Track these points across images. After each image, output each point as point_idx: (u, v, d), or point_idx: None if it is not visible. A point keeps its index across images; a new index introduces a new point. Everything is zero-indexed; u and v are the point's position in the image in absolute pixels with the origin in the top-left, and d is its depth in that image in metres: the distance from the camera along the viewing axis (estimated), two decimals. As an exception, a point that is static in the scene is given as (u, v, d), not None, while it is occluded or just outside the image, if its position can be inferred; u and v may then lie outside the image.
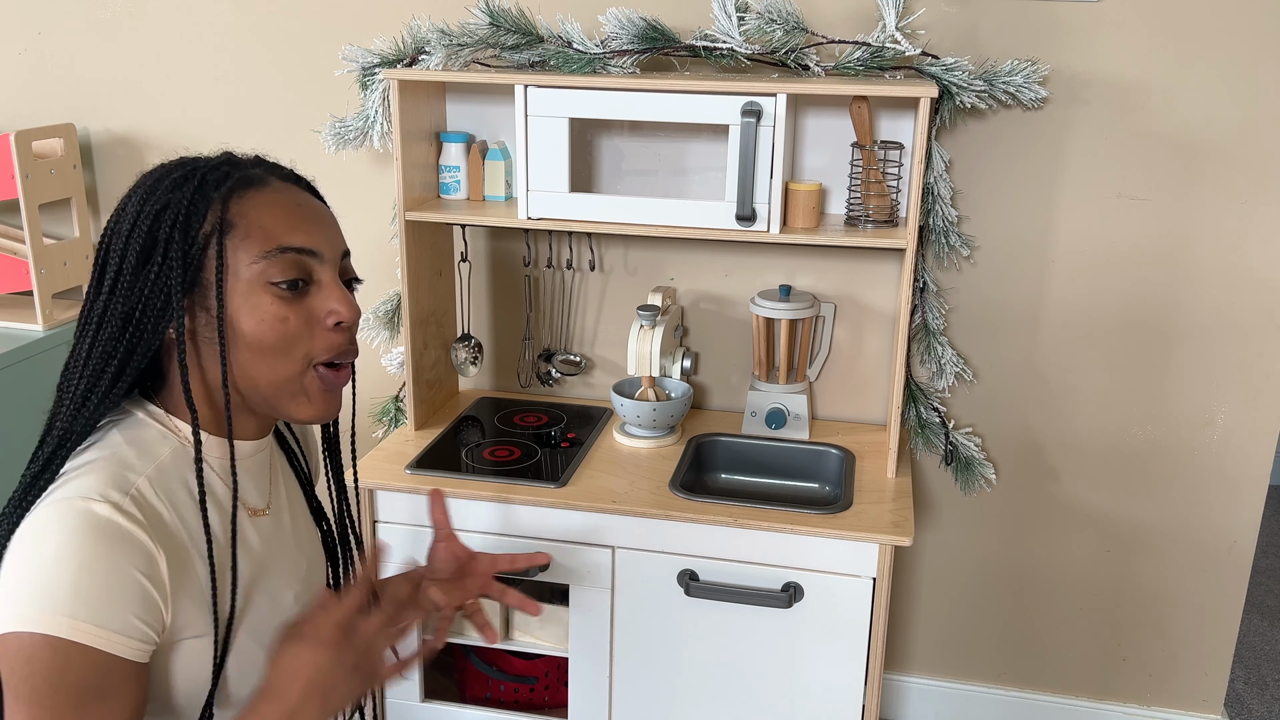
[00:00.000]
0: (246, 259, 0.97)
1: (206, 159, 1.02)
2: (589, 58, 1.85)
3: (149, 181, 0.99)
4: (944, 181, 1.90)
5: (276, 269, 0.97)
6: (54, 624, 0.86)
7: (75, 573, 0.87)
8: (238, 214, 0.97)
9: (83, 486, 0.91)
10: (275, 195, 1.00)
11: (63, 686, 0.87)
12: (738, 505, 1.72)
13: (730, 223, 1.79)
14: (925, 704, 2.29)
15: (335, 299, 1.00)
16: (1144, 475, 2.06)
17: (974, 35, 1.88)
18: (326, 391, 1.02)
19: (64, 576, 0.87)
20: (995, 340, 2.04)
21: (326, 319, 1.00)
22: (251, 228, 0.97)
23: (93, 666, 0.88)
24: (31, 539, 0.89)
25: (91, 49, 2.23)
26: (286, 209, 1.00)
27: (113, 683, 0.89)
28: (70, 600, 0.87)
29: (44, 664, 0.87)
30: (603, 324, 2.19)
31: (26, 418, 2.04)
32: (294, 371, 1.00)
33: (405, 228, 1.89)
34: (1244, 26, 1.80)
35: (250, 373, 0.98)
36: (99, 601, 0.88)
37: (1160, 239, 1.93)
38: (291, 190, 1.03)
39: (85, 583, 0.87)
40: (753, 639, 1.74)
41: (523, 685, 1.98)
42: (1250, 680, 2.53)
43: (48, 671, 0.87)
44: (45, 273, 2.15)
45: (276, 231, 0.98)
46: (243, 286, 0.97)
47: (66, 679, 0.87)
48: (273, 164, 1.06)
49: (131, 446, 0.97)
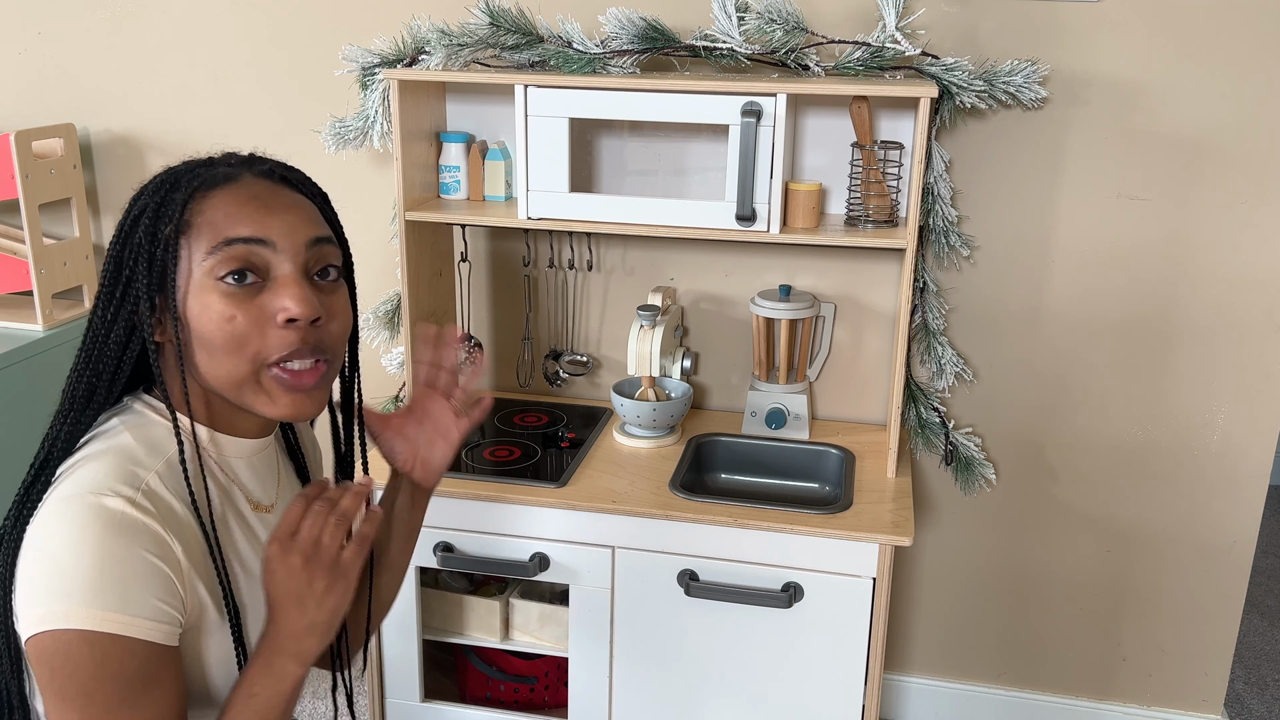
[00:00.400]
0: (198, 257, 0.94)
1: (194, 160, 1.01)
2: (589, 58, 1.85)
3: (140, 188, 0.99)
4: (944, 181, 1.90)
5: (223, 263, 0.93)
6: (85, 618, 0.87)
7: (95, 566, 0.87)
8: (195, 212, 0.95)
9: (91, 482, 0.91)
10: (237, 190, 0.96)
11: (108, 679, 0.88)
12: (738, 505, 1.72)
13: (730, 223, 1.79)
14: (925, 704, 2.29)
15: (288, 295, 0.94)
16: (1144, 475, 2.06)
17: (974, 35, 1.88)
18: (290, 391, 0.97)
19: (85, 571, 0.87)
20: (995, 340, 2.04)
21: (278, 315, 0.94)
22: (204, 224, 0.94)
23: (130, 654, 0.89)
24: (45, 537, 0.89)
25: (91, 49, 2.23)
26: (242, 202, 0.95)
27: (152, 668, 0.91)
28: (95, 593, 0.87)
29: (84, 659, 0.87)
30: (603, 324, 2.19)
31: (26, 418, 2.04)
32: (246, 372, 0.95)
33: (405, 228, 1.89)
34: (1244, 27, 1.80)
35: (210, 373, 0.96)
36: (122, 590, 0.88)
37: (1160, 239, 1.93)
38: (256, 183, 0.98)
39: (106, 574, 0.88)
40: (753, 639, 1.74)
41: (523, 685, 1.98)
42: (1250, 680, 2.53)
43: (90, 666, 0.88)
44: (45, 273, 2.15)
45: (226, 225, 0.94)
46: (195, 286, 0.94)
47: (109, 670, 0.88)
48: (257, 159, 1.03)
49: (140, 444, 0.97)
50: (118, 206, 2.33)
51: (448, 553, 1.81)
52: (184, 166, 1.00)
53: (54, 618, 0.87)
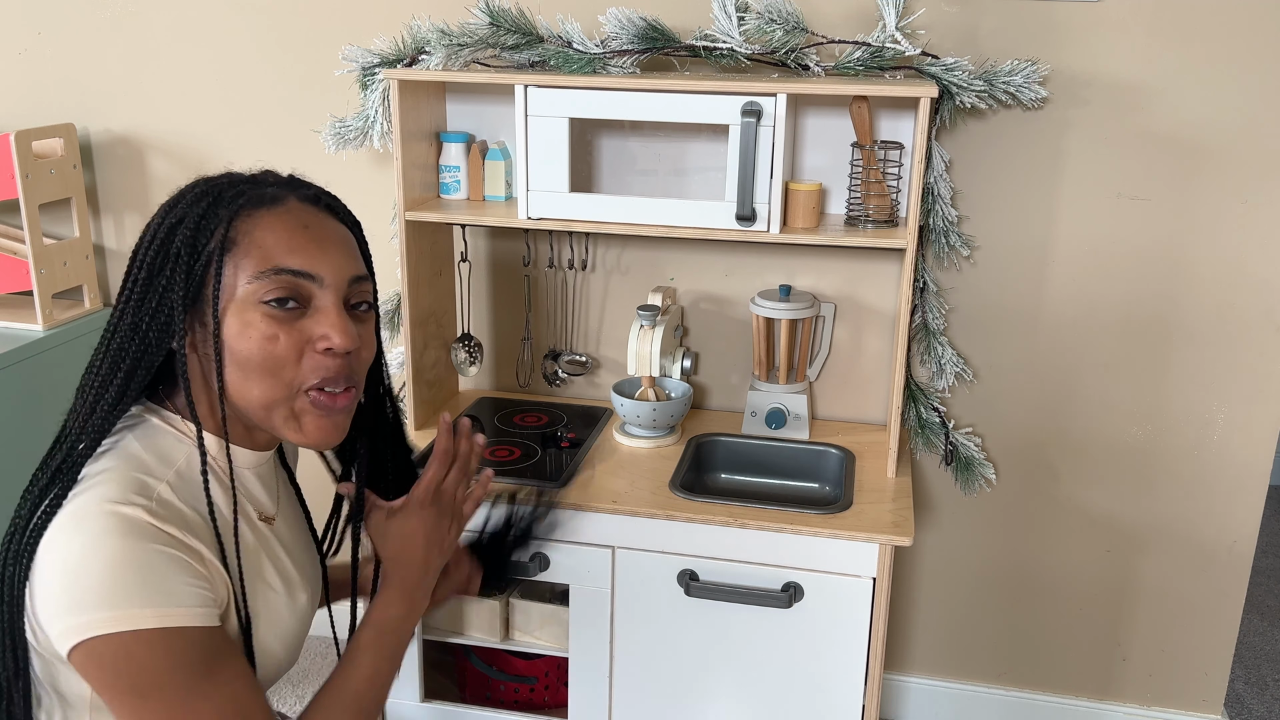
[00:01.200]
0: (244, 277, 0.97)
1: (236, 175, 1.02)
2: (589, 58, 1.85)
3: (176, 195, 1.00)
4: (944, 181, 1.90)
5: (270, 288, 0.97)
6: (132, 619, 0.89)
7: (128, 567, 0.89)
8: (242, 232, 0.97)
9: (105, 494, 0.92)
10: (284, 215, 0.99)
11: (176, 668, 0.90)
12: (738, 505, 1.72)
13: (730, 223, 1.79)
14: (925, 704, 2.29)
15: (329, 324, 0.99)
16: (1144, 475, 2.06)
17: (974, 35, 1.88)
18: (320, 417, 1.00)
19: (123, 573, 0.89)
20: (995, 340, 2.04)
21: (318, 343, 0.99)
22: (252, 247, 0.97)
23: (188, 643, 0.91)
24: (65, 549, 0.90)
25: (91, 49, 2.23)
26: (291, 230, 0.99)
27: (212, 648, 0.93)
28: (135, 594, 0.89)
29: (145, 657, 0.89)
30: (603, 324, 2.19)
31: (26, 418, 2.04)
32: (282, 394, 0.98)
33: (405, 228, 1.89)
34: (1244, 27, 1.80)
35: (242, 392, 0.98)
36: (159, 585, 0.90)
37: (1160, 239, 1.93)
38: (304, 210, 1.01)
39: (140, 574, 0.89)
40: (753, 639, 1.74)
41: (523, 685, 1.98)
42: (1250, 680, 2.53)
43: (153, 661, 0.89)
44: (45, 273, 2.15)
45: (276, 252, 0.97)
46: (236, 305, 0.97)
47: (174, 661, 0.90)
48: (299, 182, 1.05)
49: (149, 453, 0.98)
50: (118, 207, 2.33)
51: (448, 553, 1.80)
52: (225, 180, 1.02)
53: (100, 624, 0.88)
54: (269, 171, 1.05)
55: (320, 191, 1.05)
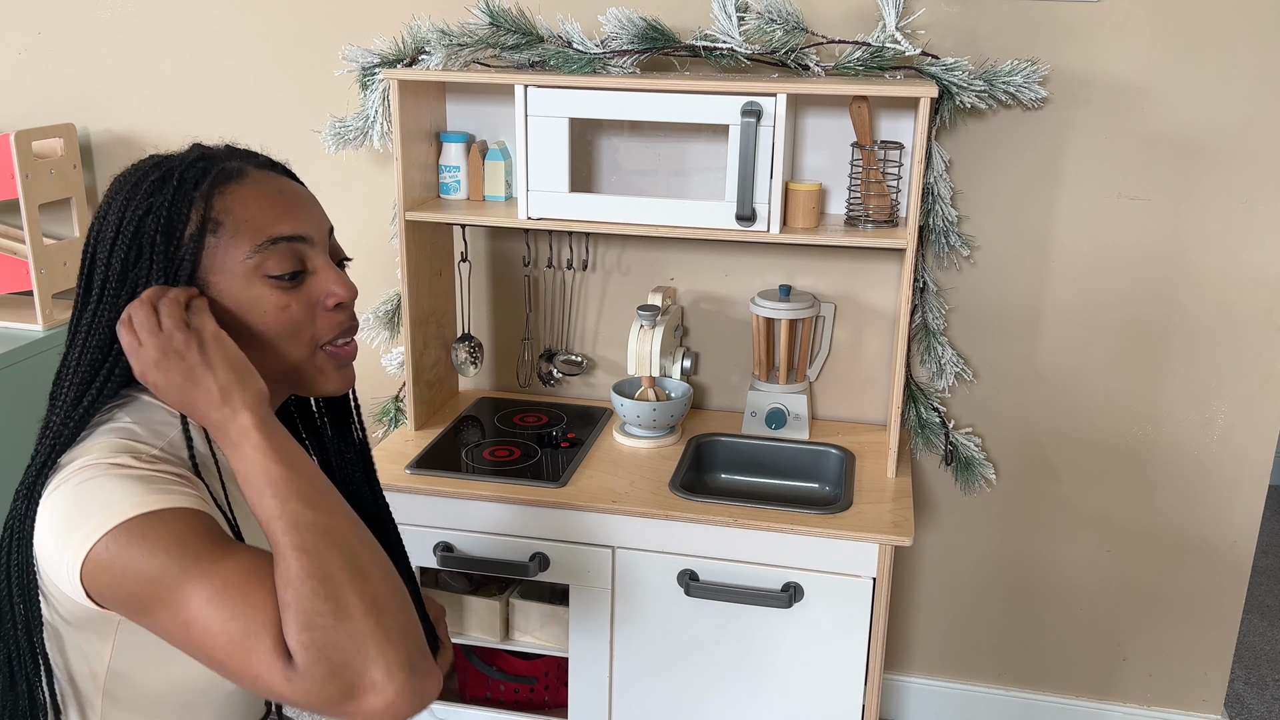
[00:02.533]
0: (240, 254, 0.97)
1: (179, 155, 1.02)
2: (589, 58, 1.85)
3: (127, 185, 0.99)
4: (944, 181, 1.90)
5: (273, 261, 0.98)
6: (133, 507, 0.87)
7: (120, 482, 0.88)
8: (222, 210, 0.97)
9: (95, 455, 0.92)
10: (256, 185, 1.00)
11: (187, 537, 0.87)
12: (738, 505, 1.72)
13: (730, 223, 1.79)
14: (925, 704, 2.29)
15: (332, 280, 1.02)
16: (1144, 475, 2.06)
17: (974, 35, 1.88)
18: (340, 367, 1.06)
19: (112, 488, 0.88)
20: (995, 340, 2.04)
21: (326, 300, 1.02)
22: (239, 223, 0.97)
23: (194, 518, 0.89)
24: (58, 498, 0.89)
25: (91, 49, 2.23)
26: (270, 198, 1.00)
27: (214, 530, 0.90)
28: (133, 495, 0.88)
29: (153, 538, 0.86)
30: (603, 324, 2.19)
31: (26, 418, 2.04)
32: (304, 355, 1.02)
33: (405, 228, 1.89)
34: (1244, 27, 1.80)
35: (260, 362, 0.99)
36: (152, 488, 0.89)
37: (1160, 239, 1.93)
38: (271, 177, 1.03)
39: (133, 483, 0.89)
40: (753, 639, 1.74)
41: (523, 685, 1.98)
42: (1250, 680, 2.53)
43: (159, 540, 0.86)
44: (45, 273, 2.15)
45: (264, 222, 0.98)
46: (239, 282, 0.97)
47: (184, 531, 0.87)
48: (245, 151, 1.05)
49: (140, 426, 0.97)
50: (118, 206, 2.33)
51: (447, 553, 1.81)
52: (176, 161, 1.00)
53: (97, 528, 0.87)
54: (200, 145, 1.05)
55: (265, 156, 1.07)
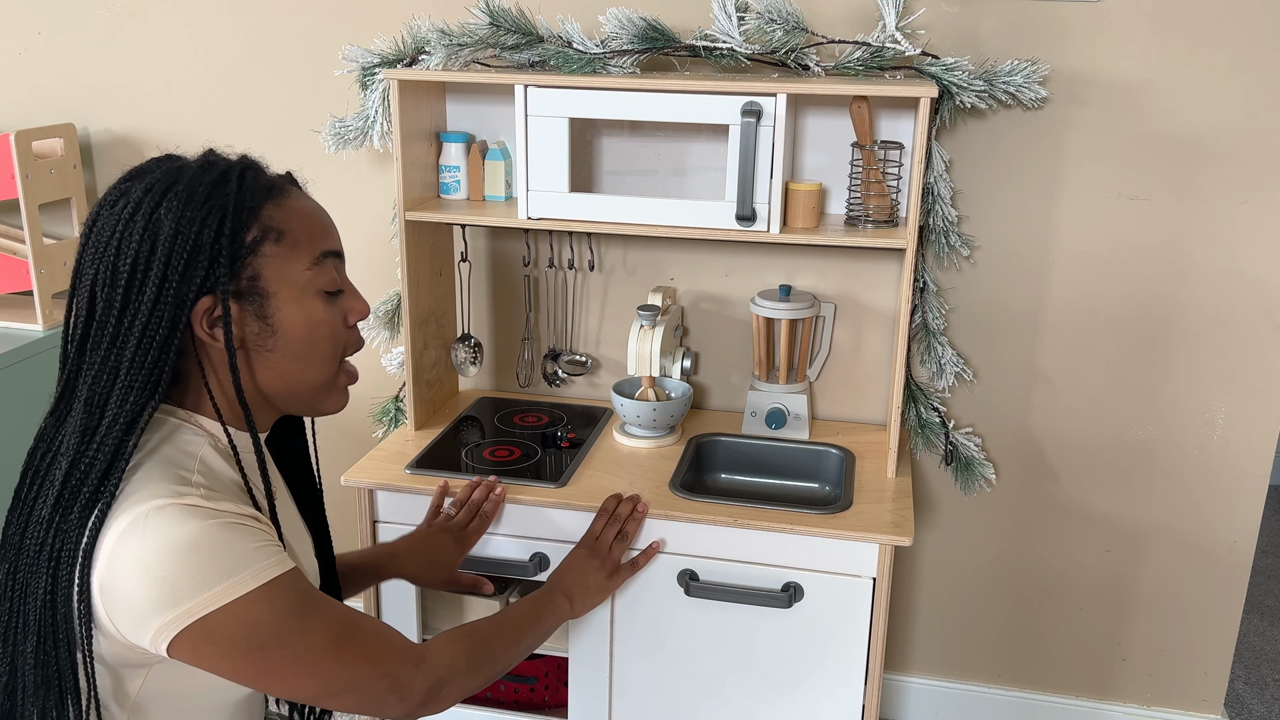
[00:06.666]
0: (300, 266, 0.99)
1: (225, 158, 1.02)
2: (589, 58, 1.85)
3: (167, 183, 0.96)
4: (944, 181, 1.90)
5: (325, 276, 1.01)
6: (237, 586, 0.92)
7: (209, 546, 0.92)
8: (279, 220, 0.99)
9: (153, 493, 0.93)
10: (300, 201, 1.03)
11: (287, 610, 0.96)
12: (738, 505, 1.72)
13: (730, 223, 1.79)
14: (925, 704, 2.29)
15: (354, 296, 1.06)
16: (1144, 475, 2.06)
17: (974, 35, 1.88)
18: (347, 384, 1.09)
19: (205, 554, 0.91)
20: (995, 340, 2.04)
21: (349, 316, 1.05)
22: (298, 235, 1.00)
23: (285, 587, 0.96)
24: (144, 551, 0.91)
25: (91, 49, 2.24)
26: (310, 214, 1.03)
27: (303, 585, 0.98)
28: (228, 564, 0.92)
29: (258, 612, 0.93)
30: (603, 324, 2.19)
31: (27, 418, 2.04)
32: (332, 372, 1.05)
33: (405, 228, 1.89)
34: (1244, 27, 1.80)
35: (293, 376, 1.01)
36: (243, 550, 0.94)
37: (1160, 239, 1.93)
38: (302, 194, 1.06)
39: (223, 547, 0.93)
40: (753, 639, 1.74)
41: (523, 685, 1.98)
42: (1250, 680, 2.53)
43: (265, 613, 0.94)
44: (45, 273, 2.15)
45: (316, 236, 1.01)
46: (297, 293, 0.99)
47: (281, 605, 0.95)
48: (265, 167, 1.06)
49: (171, 448, 0.99)
50: (118, 206, 2.32)
51: (448, 553, 1.80)
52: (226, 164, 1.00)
53: (204, 605, 0.91)
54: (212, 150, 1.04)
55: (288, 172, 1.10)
